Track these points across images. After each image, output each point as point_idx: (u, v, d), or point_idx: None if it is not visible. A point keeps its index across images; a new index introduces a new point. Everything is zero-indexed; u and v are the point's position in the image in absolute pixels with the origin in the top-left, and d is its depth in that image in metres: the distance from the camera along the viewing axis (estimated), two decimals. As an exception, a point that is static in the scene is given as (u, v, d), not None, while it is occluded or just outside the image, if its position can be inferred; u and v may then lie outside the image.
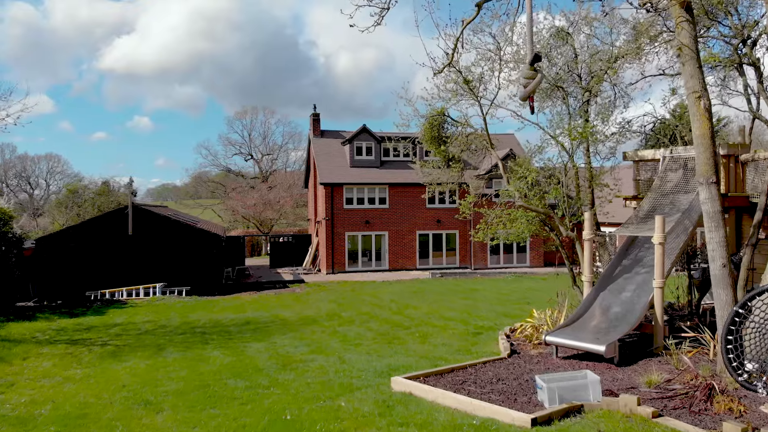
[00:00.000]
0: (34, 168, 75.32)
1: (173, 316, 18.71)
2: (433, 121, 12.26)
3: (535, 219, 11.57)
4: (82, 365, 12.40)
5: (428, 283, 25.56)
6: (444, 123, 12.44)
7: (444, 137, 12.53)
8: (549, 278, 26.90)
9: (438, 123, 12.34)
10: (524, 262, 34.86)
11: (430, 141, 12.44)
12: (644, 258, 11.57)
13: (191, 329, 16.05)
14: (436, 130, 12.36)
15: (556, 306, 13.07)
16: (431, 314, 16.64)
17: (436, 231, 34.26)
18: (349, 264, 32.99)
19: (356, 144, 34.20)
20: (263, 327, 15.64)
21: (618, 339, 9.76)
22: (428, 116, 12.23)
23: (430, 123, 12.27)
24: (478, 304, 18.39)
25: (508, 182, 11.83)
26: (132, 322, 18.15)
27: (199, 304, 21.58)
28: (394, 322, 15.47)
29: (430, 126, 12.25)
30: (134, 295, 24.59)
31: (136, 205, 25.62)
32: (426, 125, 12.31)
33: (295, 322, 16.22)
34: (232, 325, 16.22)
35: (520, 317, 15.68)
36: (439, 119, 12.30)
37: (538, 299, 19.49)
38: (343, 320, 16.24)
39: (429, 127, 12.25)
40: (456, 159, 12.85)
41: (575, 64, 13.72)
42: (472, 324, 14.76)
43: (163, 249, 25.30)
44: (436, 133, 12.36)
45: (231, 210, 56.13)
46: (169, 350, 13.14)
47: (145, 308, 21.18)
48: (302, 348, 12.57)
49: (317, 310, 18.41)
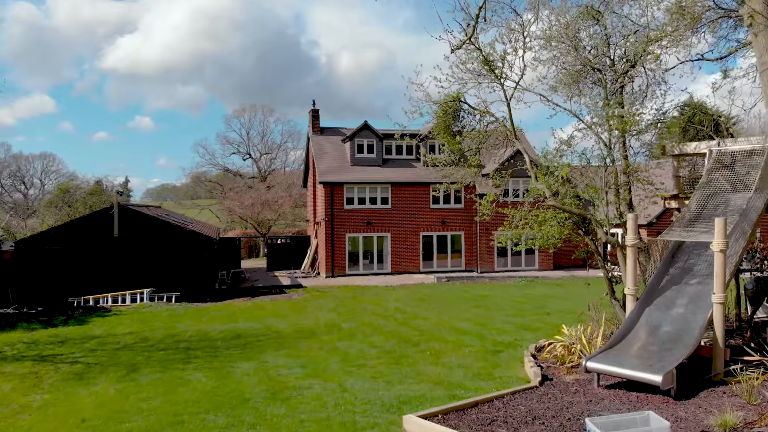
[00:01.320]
0: (29, 167, 73.84)
1: (158, 327, 17.08)
2: (447, 107, 10.63)
3: (567, 221, 9.95)
4: (45, 389, 10.79)
5: (434, 289, 23.91)
6: (459, 110, 10.81)
7: (459, 127, 10.88)
8: (564, 283, 25.26)
9: (453, 110, 10.71)
10: (533, 264, 33.21)
11: (444, 131, 10.80)
12: (695, 266, 9.93)
13: (175, 343, 14.41)
14: (451, 119, 10.73)
15: (588, 321, 11.43)
16: (441, 326, 14.98)
17: (440, 232, 32.61)
18: (349, 267, 31.35)
19: (357, 141, 32.55)
20: (254, 342, 13.98)
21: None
22: (442, 102, 10.60)
23: (444, 110, 10.64)
24: (492, 314, 16.74)
25: (536, 178, 10.18)
26: (112, 333, 16.52)
27: (188, 313, 19.94)
28: (400, 336, 13.81)
29: (443, 113, 10.61)
30: (120, 302, 22.96)
31: (123, 205, 23.99)
32: (439, 112, 10.67)
33: (291, 336, 14.57)
34: (220, 339, 14.57)
35: (541, 330, 14.05)
36: (455, 106, 10.67)
37: (557, 308, 17.85)
38: (343, 333, 14.59)
39: (442, 114, 10.61)
40: (474, 152, 11.19)
41: (606, 46, 12.07)
42: (489, 339, 13.10)
43: (152, 252, 23.67)
44: (450, 121, 10.72)
45: (228, 210, 54.50)
46: (145, 371, 11.50)
47: (129, 317, 19.55)
48: (297, 369, 10.92)
49: (315, 321, 16.76)
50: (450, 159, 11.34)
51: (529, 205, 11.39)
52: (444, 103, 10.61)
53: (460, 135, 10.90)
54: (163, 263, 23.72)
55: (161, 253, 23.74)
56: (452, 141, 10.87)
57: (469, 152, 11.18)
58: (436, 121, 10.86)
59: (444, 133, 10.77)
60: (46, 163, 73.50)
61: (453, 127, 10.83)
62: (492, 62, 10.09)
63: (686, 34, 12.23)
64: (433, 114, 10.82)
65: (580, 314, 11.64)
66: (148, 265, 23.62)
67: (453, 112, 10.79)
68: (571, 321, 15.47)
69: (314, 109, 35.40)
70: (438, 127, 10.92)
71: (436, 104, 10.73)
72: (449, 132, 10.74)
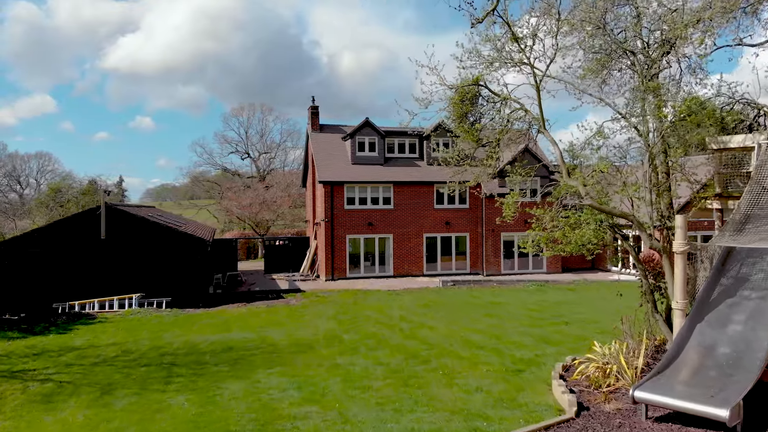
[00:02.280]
0: (24, 167, 72.57)
1: (143, 337, 15.76)
2: (464, 93, 9.31)
3: (603, 224, 8.63)
4: (6, 414, 9.51)
5: (440, 294, 22.58)
6: (478, 96, 9.50)
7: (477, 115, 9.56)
8: (576, 287, 23.94)
9: (471, 96, 9.40)
10: (540, 267, 31.88)
11: (459, 120, 9.48)
12: (750, 276, 8.62)
13: (159, 357, 13.09)
14: (468, 105, 9.42)
15: (623, 336, 10.11)
16: (452, 338, 13.65)
17: (444, 234, 31.28)
18: (350, 269, 30.02)
19: (358, 139, 31.22)
20: (247, 356, 12.66)
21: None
22: (458, 87, 9.29)
23: (461, 96, 9.32)
24: (506, 324, 15.41)
25: (568, 174, 8.86)
26: (94, 344, 15.21)
27: (178, 320, 18.62)
28: (408, 351, 12.48)
29: (460, 99, 9.29)
30: (107, 308, 21.62)
31: (111, 205, 22.66)
32: (455, 99, 9.35)
33: (287, 349, 13.25)
34: (210, 352, 13.25)
35: (563, 344, 12.73)
36: (473, 91, 9.37)
37: (575, 316, 16.54)
38: (345, 346, 13.26)
39: (459, 100, 9.29)
40: (494, 144, 9.83)
41: (638, 29, 10.75)
42: (507, 355, 11.77)
43: (141, 255, 22.34)
44: (468, 108, 9.41)
45: (225, 210, 53.13)
46: (121, 393, 10.19)
47: (115, 324, 18.23)
48: (292, 392, 9.61)
49: (314, 331, 15.44)
50: (462, 154, 10.00)
51: (546, 206, 10.08)
52: (461, 88, 9.27)
53: (479, 124, 9.56)
54: (154, 267, 22.40)
55: (151, 256, 22.42)
56: (469, 132, 9.53)
57: (487, 144, 9.82)
58: (451, 108, 9.54)
59: (460, 123, 9.44)
60: (41, 163, 72.22)
61: (470, 116, 9.51)
62: (521, 38, 8.79)
63: (725, 17, 10.91)
64: (448, 101, 9.49)
65: (613, 328, 10.29)
66: (137, 268, 22.30)
67: (471, 98, 9.47)
68: (593, 332, 14.17)
69: (313, 105, 34.07)
70: (453, 116, 9.58)
71: (452, 89, 9.40)
72: (466, 121, 9.42)
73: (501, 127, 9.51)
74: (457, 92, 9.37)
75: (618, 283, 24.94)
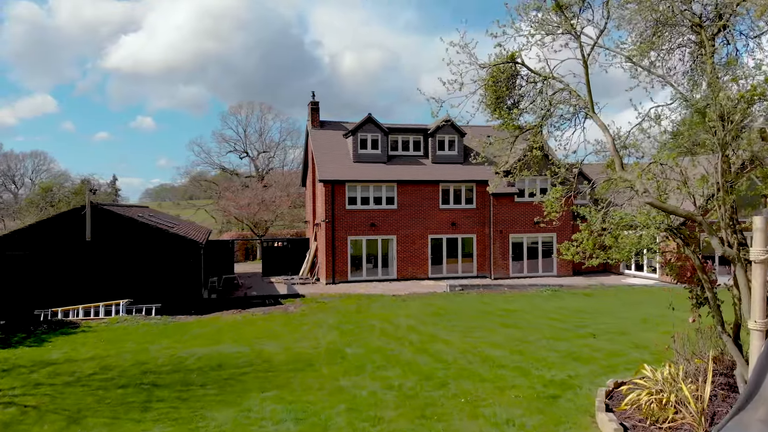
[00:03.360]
0: (19, 166, 71.18)
1: (127, 350, 14.33)
2: (499, 72, 7.89)
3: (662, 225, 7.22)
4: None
5: (449, 300, 21.14)
6: (516, 76, 8.07)
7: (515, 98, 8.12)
8: (594, 293, 22.50)
9: (506, 76, 7.98)
10: (550, 270, 30.45)
11: (495, 104, 8.04)
12: (837, 290, 7.16)
13: (140, 375, 11.65)
14: (503, 87, 7.99)
15: (676, 357, 8.67)
16: (469, 353, 12.20)
17: (450, 235, 29.85)
18: (352, 272, 28.59)
19: (360, 136, 29.78)
20: (238, 375, 11.22)
21: None
22: (492, 65, 7.86)
23: (495, 76, 7.90)
24: (526, 335, 13.96)
25: (621, 166, 7.43)
26: (71, 358, 13.78)
27: (167, 329, 17.19)
28: (421, 370, 11.02)
29: (493, 81, 7.86)
30: (92, 315, 20.18)
31: (97, 204, 21.22)
32: (488, 80, 7.92)
33: (284, 366, 11.80)
34: (197, 370, 11.81)
35: (595, 362, 11.30)
36: (509, 70, 7.95)
37: (600, 327, 15.09)
38: (349, 363, 11.81)
39: (492, 82, 7.86)
40: (535, 131, 8.34)
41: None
42: (535, 375, 10.32)
43: (129, 258, 20.90)
44: (503, 91, 7.97)
45: (223, 211, 51.67)
46: (91, 422, 8.77)
47: (98, 334, 16.80)
48: (289, 424, 8.17)
49: (314, 344, 14.00)
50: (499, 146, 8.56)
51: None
52: (494, 67, 7.83)
53: (517, 108, 8.12)
54: (143, 270, 20.96)
55: (140, 259, 20.98)
56: (507, 117, 8.08)
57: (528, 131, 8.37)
58: (483, 91, 8.09)
59: (495, 108, 8.00)
60: (37, 162, 70.88)
61: (507, 100, 8.08)
62: (565, 6, 7.38)
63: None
64: (480, 82, 8.04)
65: (665, 349, 8.85)
66: (125, 272, 20.86)
67: (506, 78, 8.03)
68: (626, 346, 12.73)
69: (314, 101, 32.63)
70: (487, 100, 8.13)
71: (484, 68, 7.95)
72: (502, 105, 7.98)
73: (543, 111, 8.05)
74: (491, 72, 7.94)
75: (636, 289, 23.53)
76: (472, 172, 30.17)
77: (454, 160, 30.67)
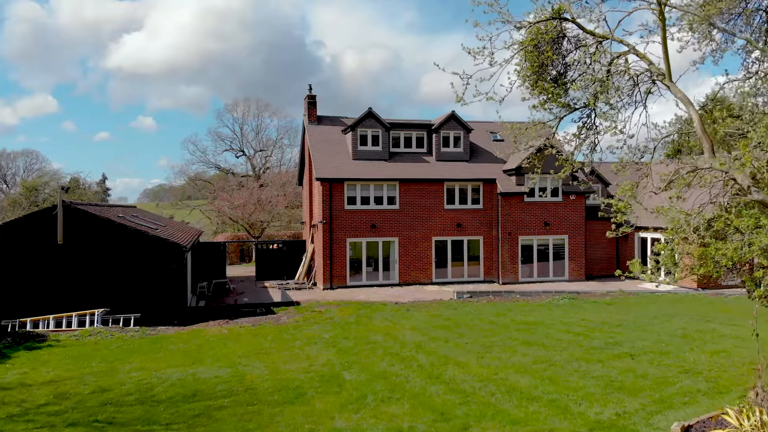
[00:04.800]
0: (11, 165, 69.25)
1: (91, 371, 12.45)
2: (540, 34, 6.01)
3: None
4: None
5: (458, 310, 19.22)
6: (561, 38, 6.21)
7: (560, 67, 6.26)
8: (615, 301, 20.58)
9: (550, 38, 6.11)
10: (561, 274, 28.52)
11: (536, 74, 6.16)
12: None
13: (98, 408, 9.75)
14: (547, 52, 6.14)
15: (759, 394, 6.78)
16: (490, 381, 10.28)
17: (456, 237, 27.95)
18: (351, 277, 26.68)
19: (360, 132, 27.87)
20: (214, 410, 9.31)
21: None
22: (532, 25, 6.00)
23: (535, 37, 6.02)
24: (554, 356, 12.04)
25: (712, 152, 5.55)
26: (25, 382, 11.89)
27: (142, 344, 15.29)
28: (434, 405, 9.10)
29: (534, 44, 5.99)
30: (65, 326, 18.29)
31: (70, 203, 19.29)
32: (527, 43, 6.03)
33: (269, 396, 9.89)
34: (166, 401, 9.89)
35: (644, 393, 9.39)
36: (553, 30, 6.08)
37: (635, 344, 13.16)
38: (346, 393, 9.90)
39: (532, 46, 5.99)
40: (592, 104, 6.45)
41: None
42: (575, 413, 8.42)
43: (106, 262, 18.98)
44: (547, 56, 6.10)
45: (217, 211, 49.71)
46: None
47: (65, 350, 14.92)
48: (268, 491, 6.27)
49: (307, 364, 12.08)
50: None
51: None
52: (536, 27, 5.95)
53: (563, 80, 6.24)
54: (121, 277, 19.05)
55: (118, 263, 19.06)
56: (552, 91, 6.20)
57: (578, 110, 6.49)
58: (522, 56, 6.21)
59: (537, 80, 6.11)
60: (28, 161, 68.95)
61: (551, 69, 6.19)
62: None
63: None
64: (517, 46, 6.16)
65: (754, 391, 6.94)
66: (101, 278, 18.95)
67: (550, 41, 6.14)
68: (674, 371, 10.77)
69: (311, 95, 30.70)
70: (527, 70, 6.24)
71: (521, 28, 6.07)
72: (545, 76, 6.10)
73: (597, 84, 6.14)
74: (530, 32, 6.06)
75: (660, 296, 21.63)
76: (479, 170, 28.30)
77: (460, 158, 28.78)
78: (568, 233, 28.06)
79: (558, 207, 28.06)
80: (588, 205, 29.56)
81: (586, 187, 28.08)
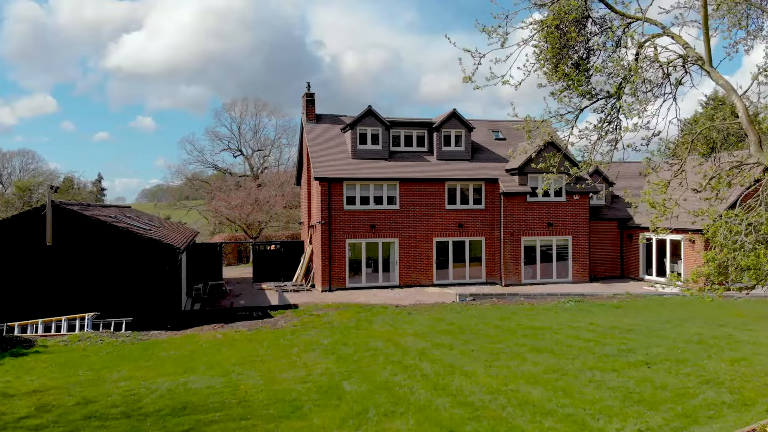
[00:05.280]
0: (6, 165, 68.54)
1: (77, 380, 11.80)
2: (563, 13, 5.40)
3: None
4: None
5: (461, 313, 18.58)
6: (585, 20, 5.59)
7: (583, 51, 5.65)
8: (622, 304, 19.95)
9: (573, 18, 5.50)
10: (565, 276, 27.89)
11: (556, 56, 5.54)
12: None
13: (81, 422, 9.11)
14: (571, 32, 5.51)
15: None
16: (501, 393, 9.65)
17: (457, 238, 27.31)
18: (350, 278, 26.04)
19: (360, 130, 27.23)
20: (204, 425, 8.67)
21: None
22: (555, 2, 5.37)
23: (557, 17, 5.40)
24: (565, 365, 11.41)
25: (759, 146, 4.94)
26: (7, 392, 11.25)
27: (132, 351, 14.65)
28: (441, 421, 8.46)
29: (555, 24, 5.38)
30: (54, 330, 17.65)
31: (59, 203, 18.63)
32: (548, 22, 5.42)
33: (263, 410, 9.25)
34: (153, 415, 9.25)
35: (666, 406, 8.76)
36: (577, 10, 5.44)
37: (649, 350, 12.53)
38: (346, 407, 9.26)
39: (553, 26, 5.37)
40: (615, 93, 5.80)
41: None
42: (593, 428, 7.80)
43: (96, 265, 18.33)
44: (571, 38, 5.47)
45: (214, 211, 49.02)
46: None
47: (52, 357, 14.27)
48: None
49: (304, 374, 11.44)
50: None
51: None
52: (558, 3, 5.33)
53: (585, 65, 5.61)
54: (112, 279, 18.39)
55: (109, 265, 18.40)
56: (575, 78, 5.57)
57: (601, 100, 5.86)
58: (542, 37, 5.58)
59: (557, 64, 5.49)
60: (24, 161, 68.22)
61: (572, 52, 5.57)
62: None
63: None
64: (537, 26, 5.54)
65: None
66: (92, 281, 18.29)
67: (573, 21, 5.52)
68: (695, 381, 10.13)
69: (309, 92, 30.05)
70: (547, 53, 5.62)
71: (542, 6, 5.45)
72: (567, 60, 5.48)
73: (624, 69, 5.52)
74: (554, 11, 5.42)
75: (668, 299, 21.02)
76: (481, 169, 27.68)
77: (461, 157, 28.15)
78: (571, 234, 27.45)
79: (561, 207, 27.43)
80: (592, 205, 28.97)
81: (590, 187, 27.45)
